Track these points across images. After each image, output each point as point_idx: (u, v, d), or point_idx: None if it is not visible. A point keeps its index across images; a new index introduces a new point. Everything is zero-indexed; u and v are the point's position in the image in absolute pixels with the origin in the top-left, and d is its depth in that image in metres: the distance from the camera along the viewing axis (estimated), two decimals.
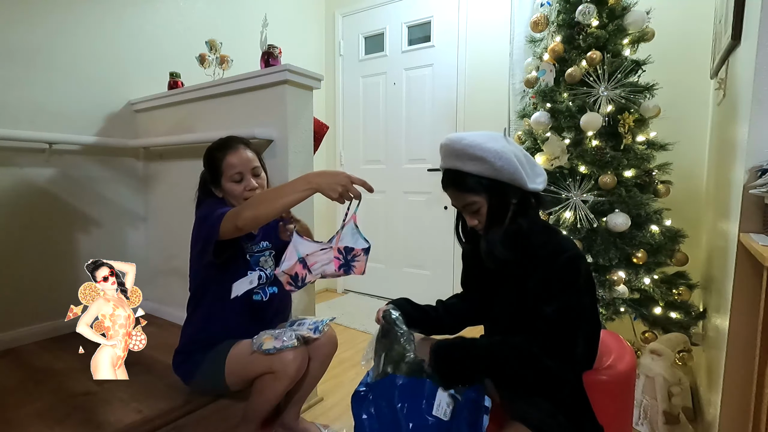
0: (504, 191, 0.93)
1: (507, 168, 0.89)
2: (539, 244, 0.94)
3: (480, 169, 0.90)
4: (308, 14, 3.18)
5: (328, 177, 1.08)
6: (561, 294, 0.88)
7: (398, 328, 0.99)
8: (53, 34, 1.81)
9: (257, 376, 1.20)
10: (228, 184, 1.24)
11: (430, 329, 1.14)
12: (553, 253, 0.91)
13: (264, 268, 1.33)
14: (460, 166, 0.93)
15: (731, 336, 1.11)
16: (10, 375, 1.46)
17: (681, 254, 1.61)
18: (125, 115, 2.08)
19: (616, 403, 1.00)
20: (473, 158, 0.90)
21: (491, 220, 0.95)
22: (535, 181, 0.94)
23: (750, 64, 1.06)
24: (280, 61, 1.61)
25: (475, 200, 0.94)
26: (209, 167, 1.29)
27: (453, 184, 0.97)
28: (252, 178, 1.26)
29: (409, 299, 1.14)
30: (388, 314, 1.02)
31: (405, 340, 0.98)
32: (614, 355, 1.03)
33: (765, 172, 0.95)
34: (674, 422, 1.44)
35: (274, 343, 1.16)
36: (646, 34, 1.63)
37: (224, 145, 1.27)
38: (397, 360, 0.95)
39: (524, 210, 0.96)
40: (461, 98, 2.70)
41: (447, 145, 0.94)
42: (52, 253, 1.84)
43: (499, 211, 0.94)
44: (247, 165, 1.26)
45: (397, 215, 3.04)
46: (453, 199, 1.00)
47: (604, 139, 1.61)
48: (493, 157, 0.88)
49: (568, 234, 1.62)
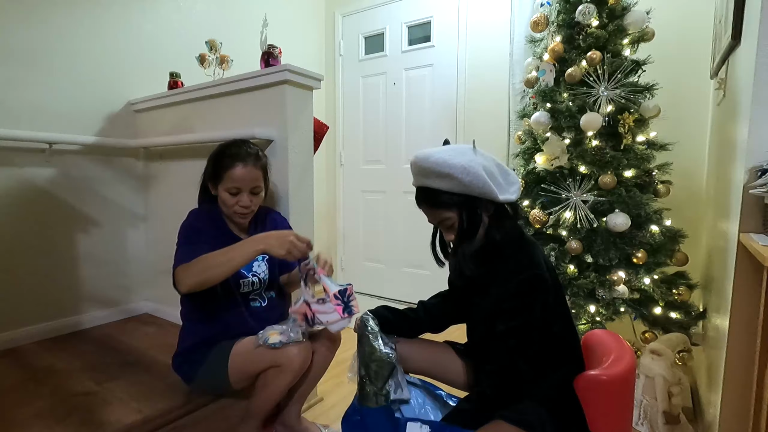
0: (474, 205, 0.93)
1: (475, 182, 0.89)
2: (506, 257, 0.96)
3: (449, 185, 0.91)
4: (308, 14, 3.18)
5: (274, 238, 1.11)
6: (513, 313, 0.92)
7: (369, 332, 1.03)
8: (53, 34, 1.81)
9: (261, 371, 1.20)
10: (223, 193, 1.24)
11: (412, 331, 1.16)
12: (512, 271, 0.93)
13: (257, 272, 1.32)
14: (430, 183, 0.94)
15: (731, 336, 1.11)
16: (10, 375, 1.46)
17: (681, 254, 1.61)
18: (125, 115, 2.08)
19: (616, 403, 0.99)
20: (440, 175, 0.91)
21: (461, 235, 0.96)
22: (508, 191, 0.95)
23: (750, 64, 1.06)
24: (280, 61, 1.61)
25: (448, 216, 0.96)
26: (213, 166, 1.27)
27: (425, 202, 0.99)
28: (249, 195, 1.25)
29: (387, 306, 1.16)
30: (361, 321, 1.07)
31: (373, 337, 1.02)
32: (614, 355, 1.03)
33: (765, 172, 0.95)
34: (674, 422, 1.44)
35: (280, 337, 1.16)
36: (646, 34, 1.63)
37: (237, 155, 1.24)
38: (368, 360, 1.00)
39: (499, 222, 0.97)
40: (461, 98, 2.70)
41: (415, 163, 0.95)
42: (52, 253, 1.84)
43: (470, 225, 0.95)
44: (248, 183, 1.24)
45: (397, 215, 3.04)
46: (427, 215, 1.02)
47: (604, 139, 1.61)
48: (460, 173, 0.89)
49: (568, 236, 1.62)
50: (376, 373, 0.99)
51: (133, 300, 2.14)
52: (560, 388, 0.94)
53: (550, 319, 0.95)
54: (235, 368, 1.21)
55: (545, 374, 0.94)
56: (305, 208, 1.60)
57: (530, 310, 0.91)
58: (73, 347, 1.71)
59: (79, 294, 1.93)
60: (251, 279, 1.30)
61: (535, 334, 0.92)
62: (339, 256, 3.35)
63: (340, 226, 3.34)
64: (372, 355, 1.00)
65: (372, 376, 1.00)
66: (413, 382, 1.13)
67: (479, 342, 1.08)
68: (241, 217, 1.27)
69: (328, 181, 3.36)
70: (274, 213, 1.46)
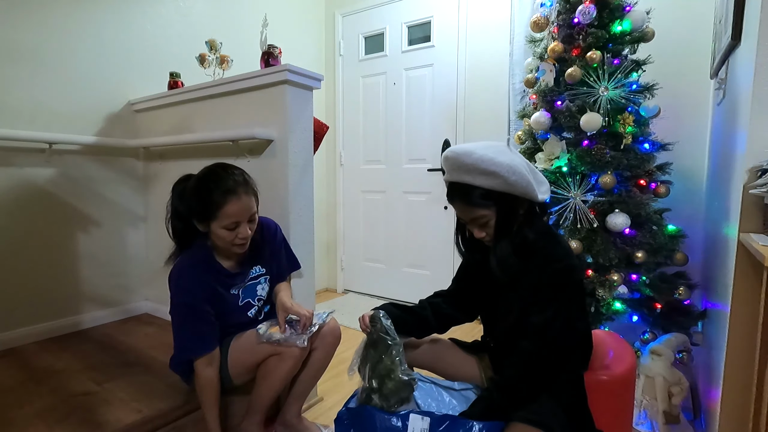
0: (513, 204, 0.92)
1: (520, 182, 0.88)
2: (538, 249, 0.94)
3: (492, 183, 0.89)
4: (308, 14, 3.18)
5: None
6: (548, 304, 0.90)
7: (389, 338, 0.94)
8: (54, 34, 1.81)
9: (261, 361, 1.20)
10: (219, 230, 1.14)
11: (420, 331, 1.13)
12: (544, 262, 0.92)
13: (261, 296, 1.31)
14: (470, 180, 0.90)
15: (731, 336, 1.11)
16: (10, 375, 1.46)
17: (681, 254, 1.61)
18: (125, 115, 2.08)
19: (616, 403, 1.00)
20: (485, 173, 0.88)
21: (500, 233, 0.94)
22: (541, 191, 0.94)
23: (750, 64, 1.06)
24: (280, 61, 1.61)
25: (484, 213, 0.93)
26: (200, 203, 1.14)
27: (461, 199, 0.95)
28: (247, 224, 1.17)
29: (394, 303, 1.12)
30: (379, 322, 0.96)
31: (396, 353, 0.92)
32: (614, 355, 1.03)
33: (765, 172, 0.95)
34: (674, 422, 1.44)
35: (281, 334, 1.18)
36: (646, 34, 1.63)
37: (228, 190, 1.12)
38: (384, 375, 0.90)
39: (530, 220, 0.96)
40: (461, 98, 2.70)
41: (454, 158, 0.91)
42: (52, 253, 1.84)
43: (508, 223, 0.93)
44: (245, 214, 1.16)
45: (397, 215, 3.04)
46: (460, 212, 0.98)
47: (604, 139, 1.61)
48: (507, 172, 0.87)
49: (567, 236, 1.62)
50: (391, 392, 0.89)
51: (133, 300, 2.14)
52: (574, 386, 0.94)
53: (577, 314, 0.94)
54: (236, 361, 1.21)
55: (560, 372, 0.92)
56: (305, 208, 1.60)
57: (564, 301, 0.90)
58: (73, 347, 1.71)
59: (79, 294, 1.93)
60: (256, 305, 1.31)
61: (566, 326, 0.90)
62: (339, 256, 3.35)
63: (340, 226, 3.34)
64: (391, 372, 0.89)
65: (385, 392, 0.90)
66: (421, 379, 1.06)
67: (503, 337, 1.06)
68: (240, 248, 1.20)
69: (328, 181, 3.36)
70: (264, 225, 1.36)
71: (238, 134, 1.55)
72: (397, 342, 0.94)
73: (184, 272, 1.17)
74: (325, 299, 3.13)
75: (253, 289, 1.30)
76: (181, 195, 1.20)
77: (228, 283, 1.24)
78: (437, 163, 2.77)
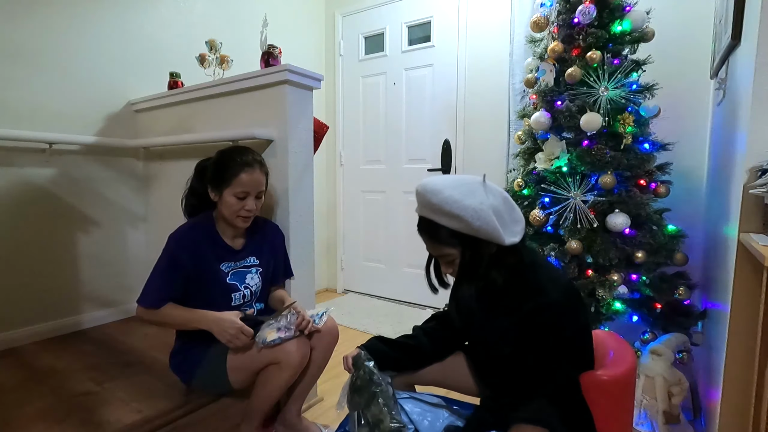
0: (478, 246, 0.89)
1: (484, 228, 0.85)
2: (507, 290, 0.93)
3: (457, 226, 0.87)
4: (308, 14, 3.18)
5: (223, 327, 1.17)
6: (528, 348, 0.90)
7: (373, 384, 0.88)
8: (53, 34, 1.81)
9: (261, 369, 1.20)
10: (230, 197, 1.25)
11: (414, 363, 1.09)
12: (515, 304, 0.91)
13: (249, 285, 1.33)
14: (436, 219, 0.89)
15: (731, 336, 1.11)
16: (10, 375, 1.46)
17: (681, 254, 1.61)
18: (125, 115, 2.08)
19: (616, 403, 0.99)
20: (449, 215, 0.86)
21: (462, 274, 0.93)
22: (513, 232, 0.90)
23: (750, 64, 1.06)
24: (280, 61, 1.61)
25: (450, 252, 0.92)
26: (218, 170, 1.27)
27: (428, 235, 0.94)
28: (254, 200, 1.28)
29: (382, 337, 1.09)
30: (360, 364, 0.91)
31: (383, 400, 0.86)
32: (614, 355, 1.03)
33: (765, 172, 0.95)
34: (674, 422, 1.44)
35: (278, 334, 1.18)
36: (646, 34, 1.63)
37: (245, 161, 1.26)
38: (375, 423, 0.85)
39: (500, 261, 0.92)
40: (461, 98, 2.70)
41: (422, 194, 0.90)
42: (52, 253, 1.84)
43: (473, 266, 0.91)
44: (255, 188, 1.28)
45: (397, 215, 3.04)
46: (427, 247, 0.97)
47: (604, 139, 1.61)
48: (471, 217, 0.84)
49: (567, 236, 1.62)
50: None
51: (133, 300, 2.12)
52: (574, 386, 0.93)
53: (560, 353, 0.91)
54: (234, 368, 1.21)
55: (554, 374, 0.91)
56: (305, 208, 1.60)
57: (541, 344, 0.88)
58: (73, 347, 1.71)
59: (79, 294, 1.93)
60: (243, 292, 1.31)
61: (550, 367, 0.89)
62: (339, 256, 3.35)
63: (340, 226, 3.34)
64: (380, 423, 0.84)
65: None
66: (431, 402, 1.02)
67: (484, 362, 1.06)
68: (243, 221, 1.29)
69: (328, 181, 3.36)
70: (269, 224, 1.48)
71: (238, 134, 1.55)
72: (382, 388, 0.88)
73: (183, 230, 1.28)
74: (325, 299, 3.13)
75: (243, 275, 1.32)
76: (201, 170, 1.35)
77: (220, 255, 1.29)
78: (437, 163, 2.78)
